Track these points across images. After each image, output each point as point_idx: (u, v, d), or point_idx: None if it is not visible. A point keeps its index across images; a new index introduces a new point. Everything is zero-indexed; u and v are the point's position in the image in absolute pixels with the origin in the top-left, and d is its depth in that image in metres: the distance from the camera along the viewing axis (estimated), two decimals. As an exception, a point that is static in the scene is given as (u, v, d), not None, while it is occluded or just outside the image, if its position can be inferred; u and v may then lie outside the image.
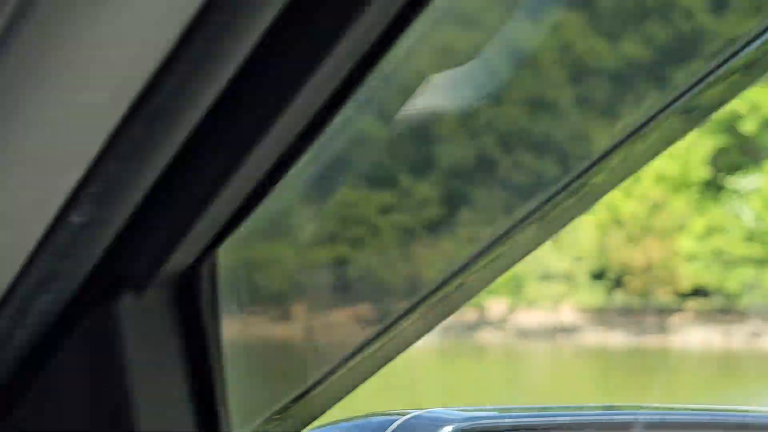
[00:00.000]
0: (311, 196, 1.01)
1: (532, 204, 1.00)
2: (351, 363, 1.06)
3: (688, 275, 40.58)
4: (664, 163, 42.18)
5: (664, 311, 42.33)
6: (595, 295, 40.93)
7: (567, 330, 41.81)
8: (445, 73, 0.96)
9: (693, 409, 2.26)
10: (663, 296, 40.79)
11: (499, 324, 42.93)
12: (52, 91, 0.63)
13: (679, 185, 42.76)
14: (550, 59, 1.11)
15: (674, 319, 41.83)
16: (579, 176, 1.05)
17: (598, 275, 42.75)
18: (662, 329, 41.21)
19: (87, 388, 0.92)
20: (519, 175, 1.04)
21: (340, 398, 1.10)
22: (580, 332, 41.79)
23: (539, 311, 41.26)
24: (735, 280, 40.16)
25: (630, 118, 1.08)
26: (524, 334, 41.90)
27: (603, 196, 1.20)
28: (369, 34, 0.72)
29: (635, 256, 40.11)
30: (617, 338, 41.00)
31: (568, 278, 40.88)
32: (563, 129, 1.17)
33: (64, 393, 0.91)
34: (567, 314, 42.08)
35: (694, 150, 43.31)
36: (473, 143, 1.02)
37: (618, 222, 41.74)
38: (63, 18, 0.57)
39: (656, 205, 41.27)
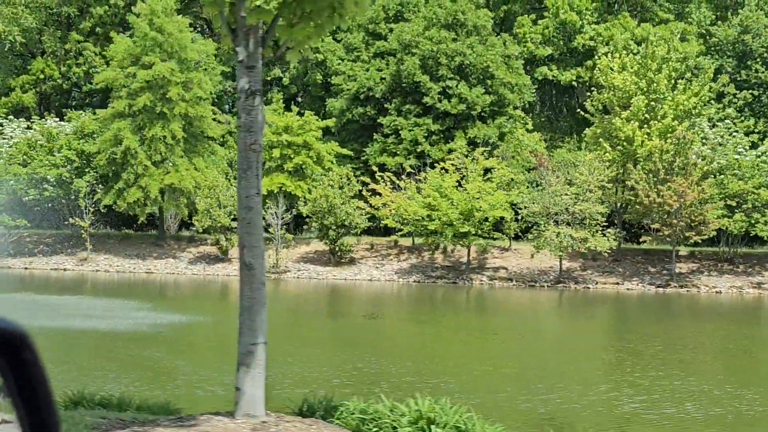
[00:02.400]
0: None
1: None
2: None
3: (715, 218, 37.31)
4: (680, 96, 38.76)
5: (684, 257, 39.29)
6: (609, 240, 37.84)
7: (570, 276, 38.79)
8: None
9: None
10: (686, 240, 37.68)
11: (492, 268, 39.74)
12: None
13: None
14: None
15: (693, 266, 38.71)
16: None
17: (614, 217, 39.80)
18: (679, 277, 38.20)
19: None
20: None
21: None
22: (584, 279, 38.78)
23: (549, 255, 38.42)
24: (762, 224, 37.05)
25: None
26: (525, 278, 39.00)
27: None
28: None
29: (657, 197, 36.95)
30: (631, 285, 38.14)
31: (582, 221, 37.79)
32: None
33: None
34: (575, 259, 39.13)
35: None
36: None
37: (638, 159, 38.59)
38: None
39: (680, 141, 37.91)
